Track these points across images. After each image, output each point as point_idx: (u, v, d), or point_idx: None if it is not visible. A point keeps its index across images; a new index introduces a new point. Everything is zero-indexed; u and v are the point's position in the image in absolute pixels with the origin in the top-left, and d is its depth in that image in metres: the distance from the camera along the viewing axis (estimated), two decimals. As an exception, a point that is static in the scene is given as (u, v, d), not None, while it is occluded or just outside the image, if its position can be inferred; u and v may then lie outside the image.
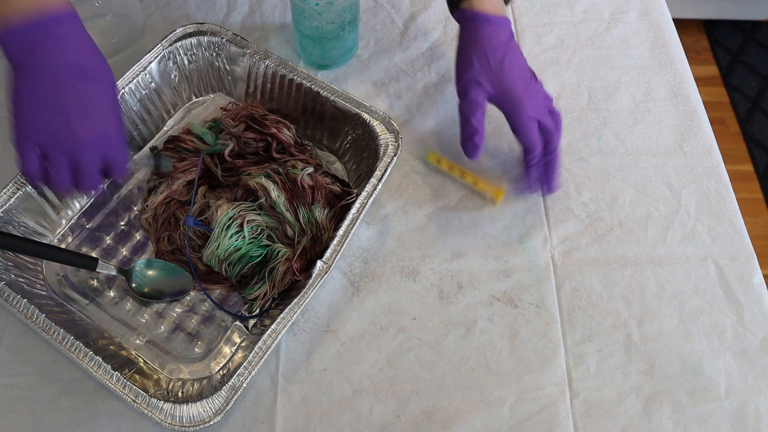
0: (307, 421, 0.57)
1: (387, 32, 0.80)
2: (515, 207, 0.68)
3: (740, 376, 0.59)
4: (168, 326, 0.60)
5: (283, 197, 0.60)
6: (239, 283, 0.61)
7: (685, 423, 0.57)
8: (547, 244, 0.66)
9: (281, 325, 0.54)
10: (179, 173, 0.64)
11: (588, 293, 0.63)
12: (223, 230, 0.59)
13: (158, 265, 0.62)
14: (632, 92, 0.76)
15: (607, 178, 0.70)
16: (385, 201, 0.68)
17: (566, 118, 0.74)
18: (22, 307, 0.54)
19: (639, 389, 0.59)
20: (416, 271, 0.64)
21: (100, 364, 0.52)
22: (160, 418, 0.50)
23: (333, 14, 0.69)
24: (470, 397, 0.58)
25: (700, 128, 0.74)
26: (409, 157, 0.71)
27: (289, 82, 0.67)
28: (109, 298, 0.61)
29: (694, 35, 1.82)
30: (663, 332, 0.61)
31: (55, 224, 0.63)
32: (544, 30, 0.81)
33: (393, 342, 0.60)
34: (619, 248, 0.66)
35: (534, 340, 0.61)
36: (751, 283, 0.64)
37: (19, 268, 0.59)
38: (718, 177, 0.70)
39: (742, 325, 0.62)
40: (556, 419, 0.57)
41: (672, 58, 0.79)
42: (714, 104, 1.71)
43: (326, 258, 0.57)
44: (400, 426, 0.57)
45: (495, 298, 0.63)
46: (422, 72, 0.77)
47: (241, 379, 0.52)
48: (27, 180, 0.53)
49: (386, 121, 0.64)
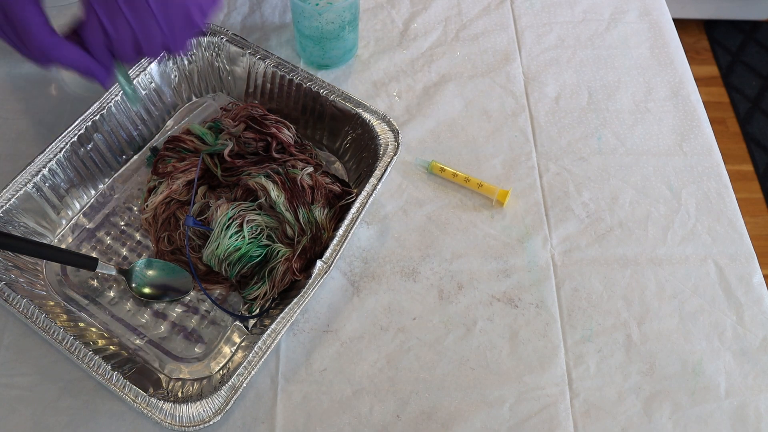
0: (307, 421, 0.57)
1: (387, 32, 0.80)
2: (515, 207, 0.68)
3: (740, 376, 0.59)
4: (168, 326, 0.60)
5: (282, 197, 0.60)
6: (239, 283, 0.61)
7: (685, 423, 0.57)
8: (547, 244, 0.66)
9: (281, 325, 0.54)
10: (179, 173, 0.64)
11: (588, 293, 0.63)
12: (222, 230, 0.59)
13: (158, 265, 0.62)
14: (632, 92, 0.76)
15: (607, 178, 0.70)
16: (385, 201, 0.68)
17: (566, 118, 0.74)
18: (22, 307, 0.54)
19: (639, 389, 0.59)
20: (416, 271, 0.64)
21: (100, 364, 0.52)
22: (160, 418, 0.50)
23: (333, 14, 0.69)
24: (470, 397, 0.58)
25: (700, 128, 0.74)
26: (409, 157, 0.71)
27: (289, 82, 0.67)
28: (109, 298, 0.61)
29: (694, 35, 1.82)
30: (663, 332, 0.61)
31: (55, 224, 0.63)
32: (544, 30, 0.81)
33: (393, 342, 0.60)
34: (619, 248, 0.66)
35: (534, 340, 0.61)
36: (751, 283, 0.64)
37: (19, 268, 0.59)
38: (718, 177, 0.70)
39: (742, 325, 0.62)
40: (556, 419, 0.57)
41: (672, 58, 0.79)
42: (714, 104, 1.71)
43: (326, 258, 0.57)
44: (400, 426, 0.57)
45: (495, 298, 0.63)
46: (422, 72, 0.77)
47: (241, 379, 0.52)
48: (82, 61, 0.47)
49: (386, 121, 0.64)
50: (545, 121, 0.74)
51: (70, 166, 0.62)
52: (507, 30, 0.81)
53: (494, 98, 0.75)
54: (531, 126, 0.73)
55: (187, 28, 0.48)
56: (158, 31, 0.47)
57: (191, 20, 0.48)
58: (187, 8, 0.47)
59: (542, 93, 0.76)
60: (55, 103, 0.72)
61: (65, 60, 0.47)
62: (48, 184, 0.61)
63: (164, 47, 0.49)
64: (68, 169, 0.62)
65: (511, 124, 0.73)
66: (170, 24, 0.47)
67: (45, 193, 0.61)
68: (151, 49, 0.48)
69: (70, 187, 0.63)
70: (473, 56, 0.78)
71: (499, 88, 0.76)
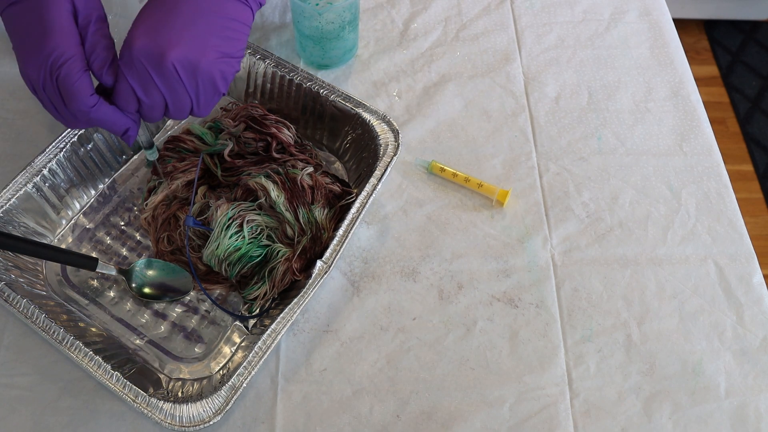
0: (307, 421, 0.57)
1: (387, 32, 0.80)
2: (515, 207, 0.68)
3: (740, 376, 0.59)
4: (168, 326, 0.60)
5: (282, 197, 0.60)
6: (239, 283, 0.61)
7: (685, 423, 0.57)
8: (547, 244, 0.66)
9: (281, 325, 0.54)
10: (179, 173, 0.64)
11: (588, 293, 0.63)
12: (222, 230, 0.59)
13: (158, 265, 0.62)
14: (632, 92, 0.76)
15: (607, 178, 0.70)
16: (385, 201, 0.68)
17: (566, 118, 0.74)
18: (22, 307, 0.54)
19: (639, 389, 0.59)
20: (416, 271, 0.64)
21: (100, 364, 0.52)
22: (160, 418, 0.50)
23: (333, 14, 0.69)
24: (470, 397, 0.58)
25: (700, 128, 0.74)
26: (409, 157, 0.71)
27: (289, 82, 0.67)
28: (109, 298, 0.61)
29: (694, 35, 1.82)
30: (663, 332, 0.61)
31: (55, 224, 0.63)
32: (544, 30, 0.81)
33: (393, 342, 0.60)
34: (619, 248, 0.66)
35: (534, 340, 0.61)
36: (751, 283, 0.64)
37: (19, 268, 0.59)
38: (718, 177, 0.70)
39: (742, 325, 0.62)
40: (556, 419, 0.57)
41: (672, 58, 0.79)
42: (714, 104, 1.71)
43: (326, 258, 0.57)
44: (400, 426, 0.57)
45: (495, 298, 0.63)
46: (422, 72, 0.77)
47: (241, 379, 0.52)
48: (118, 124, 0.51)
49: (386, 121, 0.64)
50: (545, 121, 0.74)
51: (70, 166, 0.62)
52: (507, 30, 0.81)
53: (494, 98, 0.75)
54: (531, 126, 0.73)
55: (212, 96, 0.52)
56: (187, 99, 0.51)
57: (216, 88, 0.52)
58: (213, 77, 0.50)
59: (542, 93, 0.76)
60: (55, 103, 0.72)
61: (105, 120, 0.51)
62: (48, 184, 0.61)
63: (190, 112, 0.53)
64: (68, 169, 0.62)
65: (511, 124, 0.73)
66: (197, 92, 0.51)
67: (45, 193, 0.61)
68: (178, 114, 0.52)
69: (70, 187, 0.63)
70: (473, 56, 0.78)
71: (499, 88, 0.76)
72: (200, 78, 0.50)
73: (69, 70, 0.47)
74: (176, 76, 0.49)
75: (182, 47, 0.48)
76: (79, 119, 0.50)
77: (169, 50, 0.47)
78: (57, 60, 0.47)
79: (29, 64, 0.48)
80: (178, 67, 0.48)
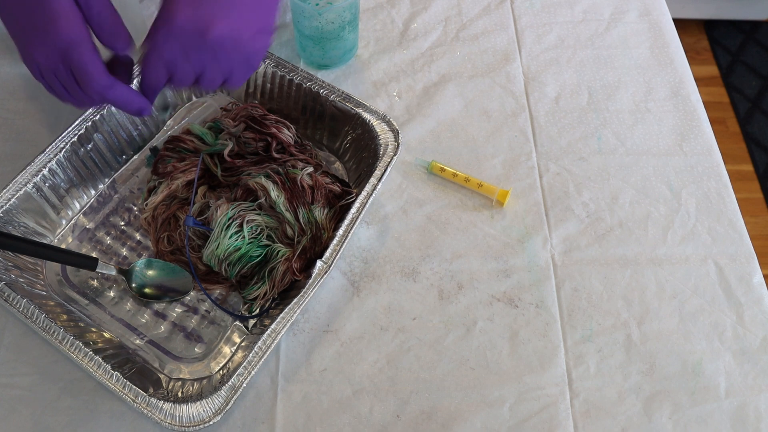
0: (307, 421, 0.57)
1: (387, 32, 0.80)
2: (515, 207, 0.68)
3: (740, 376, 0.59)
4: (168, 326, 0.60)
5: (282, 197, 0.60)
6: (239, 283, 0.61)
7: (685, 423, 0.57)
8: (547, 244, 0.66)
9: (281, 325, 0.54)
10: (179, 173, 0.64)
11: (588, 293, 0.63)
12: (222, 230, 0.59)
13: (158, 265, 0.62)
14: (632, 92, 0.76)
15: (607, 178, 0.70)
16: (385, 201, 0.68)
17: (566, 118, 0.74)
18: (22, 307, 0.54)
19: (639, 389, 0.59)
20: (416, 271, 0.64)
21: (100, 364, 0.52)
22: (160, 418, 0.50)
23: (333, 14, 0.69)
24: (470, 397, 0.58)
25: (700, 128, 0.74)
26: (409, 157, 0.71)
27: (289, 82, 0.67)
28: (109, 298, 0.61)
29: (694, 35, 1.82)
30: (663, 332, 0.61)
31: (55, 224, 0.63)
32: (544, 30, 0.81)
33: (393, 342, 0.60)
34: (619, 248, 0.66)
35: (534, 340, 0.61)
36: (751, 283, 0.64)
37: (19, 268, 0.59)
38: (718, 177, 0.70)
39: (742, 325, 0.62)
40: (556, 419, 0.57)
41: (672, 58, 0.79)
42: (714, 104, 1.71)
43: (326, 258, 0.57)
44: (400, 426, 0.57)
45: (495, 298, 0.63)
46: (422, 72, 0.77)
47: (241, 379, 0.52)
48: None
49: (386, 121, 0.64)
50: (545, 121, 0.74)
51: (70, 166, 0.62)
52: (507, 30, 0.81)
53: (494, 98, 0.75)
54: (531, 126, 0.73)
55: (247, 71, 0.51)
56: (221, 75, 0.50)
57: (252, 64, 0.51)
58: (251, 53, 0.50)
59: (542, 93, 0.76)
60: (55, 103, 0.72)
61: (120, 99, 0.50)
62: (48, 184, 0.61)
63: (222, 85, 0.52)
64: (68, 169, 0.62)
65: (511, 124, 0.73)
66: (233, 68, 0.50)
67: (45, 193, 0.61)
68: (209, 87, 0.52)
69: (70, 187, 0.63)
70: (473, 56, 0.78)
71: (499, 88, 0.76)
72: (240, 54, 0.48)
73: (82, 52, 0.46)
74: (218, 51, 0.47)
75: (227, 22, 0.46)
76: (94, 99, 0.49)
77: (214, 24, 0.46)
78: (69, 44, 0.46)
79: (37, 50, 0.47)
80: (222, 42, 0.47)
